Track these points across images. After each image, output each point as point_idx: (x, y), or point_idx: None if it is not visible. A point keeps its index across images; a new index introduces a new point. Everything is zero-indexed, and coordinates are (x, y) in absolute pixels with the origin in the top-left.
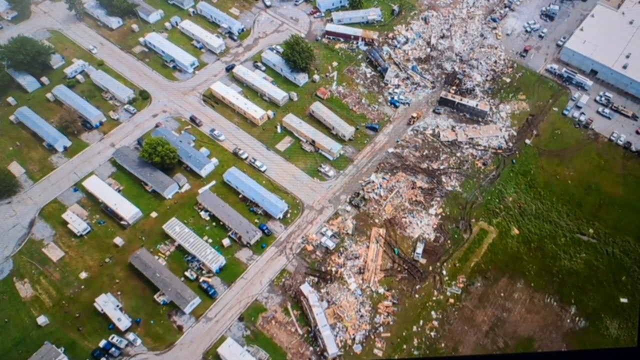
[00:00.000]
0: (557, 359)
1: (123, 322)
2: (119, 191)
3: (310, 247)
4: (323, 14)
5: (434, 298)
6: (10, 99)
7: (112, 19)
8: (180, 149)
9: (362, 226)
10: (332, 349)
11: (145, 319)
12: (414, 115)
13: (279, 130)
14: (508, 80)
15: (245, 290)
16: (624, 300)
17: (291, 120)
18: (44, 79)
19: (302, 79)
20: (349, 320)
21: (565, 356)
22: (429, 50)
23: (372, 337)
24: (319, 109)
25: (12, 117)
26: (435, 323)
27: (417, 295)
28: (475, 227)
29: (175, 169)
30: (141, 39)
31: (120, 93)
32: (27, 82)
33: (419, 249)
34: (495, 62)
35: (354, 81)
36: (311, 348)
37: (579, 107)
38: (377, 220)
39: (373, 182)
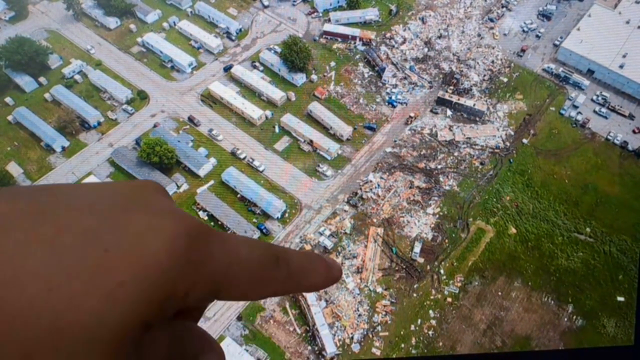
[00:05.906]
0: (555, 357)
1: None
2: None
3: (308, 247)
4: (321, 14)
5: (432, 297)
6: (8, 99)
7: (109, 19)
8: (179, 149)
9: (360, 225)
10: (330, 348)
11: None
12: (412, 114)
13: (276, 130)
14: (505, 80)
15: None
16: (620, 298)
17: (289, 120)
18: (42, 79)
19: (299, 79)
20: (347, 319)
21: (562, 354)
22: (426, 50)
23: (370, 336)
24: (317, 109)
25: (9, 117)
26: (433, 322)
27: (414, 295)
28: (472, 227)
29: (174, 169)
30: (139, 39)
31: (118, 93)
32: (25, 82)
33: (417, 248)
34: (493, 62)
35: (352, 81)
36: (309, 347)
37: (575, 107)
38: (375, 220)
39: (371, 181)
